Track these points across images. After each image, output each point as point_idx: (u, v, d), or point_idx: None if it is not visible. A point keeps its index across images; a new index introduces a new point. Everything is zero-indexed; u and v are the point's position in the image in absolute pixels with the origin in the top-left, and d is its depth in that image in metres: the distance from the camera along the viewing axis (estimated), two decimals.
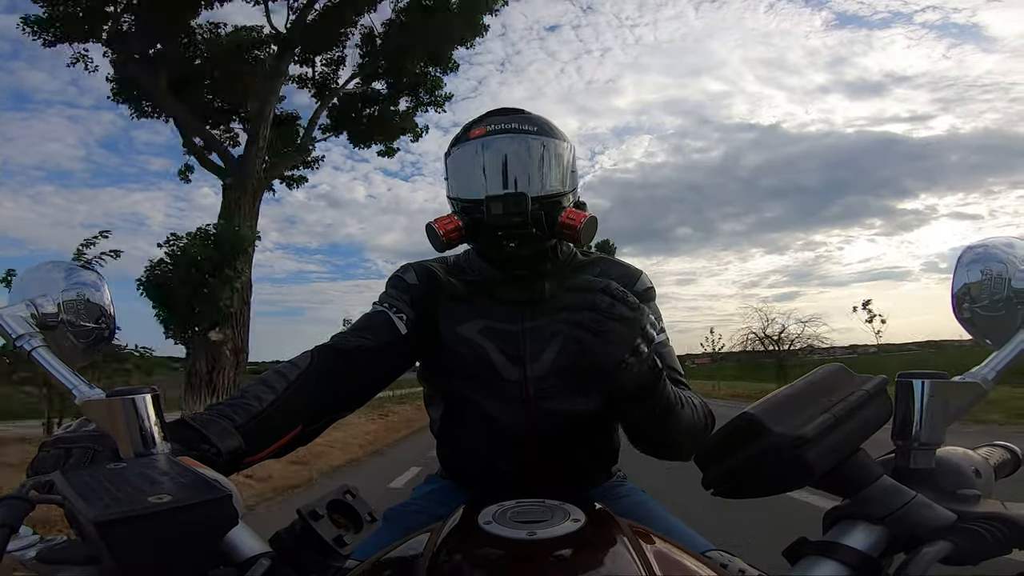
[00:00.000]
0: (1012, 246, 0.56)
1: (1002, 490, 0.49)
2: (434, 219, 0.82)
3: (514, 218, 0.78)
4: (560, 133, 0.88)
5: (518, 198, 0.78)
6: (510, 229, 0.79)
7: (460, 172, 0.87)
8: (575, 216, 0.80)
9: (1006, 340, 0.52)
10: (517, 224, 0.78)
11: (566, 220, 0.80)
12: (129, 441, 0.51)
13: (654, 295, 0.90)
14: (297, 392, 0.72)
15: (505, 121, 0.85)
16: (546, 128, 0.86)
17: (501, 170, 0.82)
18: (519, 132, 0.84)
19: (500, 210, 0.78)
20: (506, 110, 0.90)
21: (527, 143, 0.83)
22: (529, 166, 0.83)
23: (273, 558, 0.43)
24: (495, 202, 0.78)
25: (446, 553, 0.46)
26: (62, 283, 0.65)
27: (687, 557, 0.48)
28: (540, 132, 0.85)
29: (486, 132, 0.84)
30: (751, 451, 0.42)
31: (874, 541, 0.41)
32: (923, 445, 0.46)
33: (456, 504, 0.60)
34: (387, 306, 0.85)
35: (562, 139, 0.87)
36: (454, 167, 0.88)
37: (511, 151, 0.83)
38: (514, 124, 0.85)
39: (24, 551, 0.45)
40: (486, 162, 0.83)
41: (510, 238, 0.80)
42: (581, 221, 0.79)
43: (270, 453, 0.69)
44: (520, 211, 0.78)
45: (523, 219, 0.78)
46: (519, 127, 0.84)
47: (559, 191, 0.84)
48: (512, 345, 0.82)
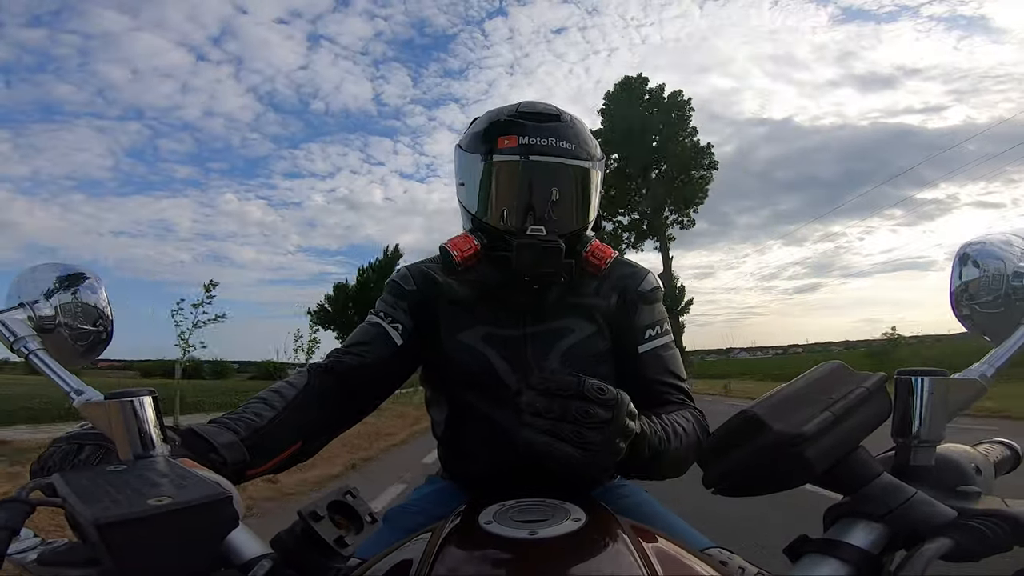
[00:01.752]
0: (1010, 243, 0.56)
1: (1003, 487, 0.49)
2: (449, 240, 0.77)
3: (545, 269, 0.73)
4: (592, 148, 0.80)
5: (553, 254, 0.72)
6: (538, 280, 0.76)
7: (484, 187, 0.79)
8: (601, 254, 0.78)
9: (1005, 336, 0.52)
10: (546, 275, 0.75)
11: (590, 258, 0.77)
12: (128, 443, 0.51)
13: (660, 295, 0.88)
14: (294, 411, 0.72)
15: (544, 134, 0.76)
16: (584, 143, 0.78)
17: (539, 206, 0.76)
18: (563, 155, 0.76)
19: (530, 259, 0.73)
20: (540, 115, 0.79)
21: (569, 172, 0.77)
22: (569, 202, 0.77)
23: (274, 559, 0.43)
24: (527, 250, 0.72)
25: (447, 553, 0.46)
26: (59, 285, 0.64)
27: (687, 555, 0.48)
28: (581, 155, 0.77)
29: (521, 146, 0.75)
30: (751, 449, 0.42)
31: (875, 538, 0.41)
32: (923, 442, 0.46)
33: (457, 504, 0.60)
34: (382, 316, 0.84)
35: (593, 159, 0.80)
36: (476, 178, 0.79)
37: (552, 183, 0.76)
38: (555, 139, 0.76)
39: (25, 553, 0.45)
40: (519, 189, 0.76)
41: (535, 282, 0.77)
42: (605, 261, 0.77)
43: (271, 467, 0.69)
44: (552, 264, 0.73)
45: (555, 272, 0.74)
46: (554, 143, 0.76)
47: (584, 225, 0.80)
48: (514, 351, 0.81)
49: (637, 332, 0.84)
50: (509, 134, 0.77)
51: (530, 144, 0.75)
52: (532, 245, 0.73)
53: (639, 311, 0.85)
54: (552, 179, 0.76)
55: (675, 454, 0.67)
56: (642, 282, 0.86)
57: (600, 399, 0.50)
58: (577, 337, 0.82)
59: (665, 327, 0.86)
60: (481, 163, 0.78)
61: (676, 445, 0.67)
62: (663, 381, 0.82)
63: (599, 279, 0.84)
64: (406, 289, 0.86)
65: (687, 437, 0.70)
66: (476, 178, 0.79)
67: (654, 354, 0.83)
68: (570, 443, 0.50)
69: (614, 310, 0.84)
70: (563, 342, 0.81)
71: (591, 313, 0.83)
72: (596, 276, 0.78)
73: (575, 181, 0.78)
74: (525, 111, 0.80)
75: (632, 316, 0.84)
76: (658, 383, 0.82)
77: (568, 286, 0.84)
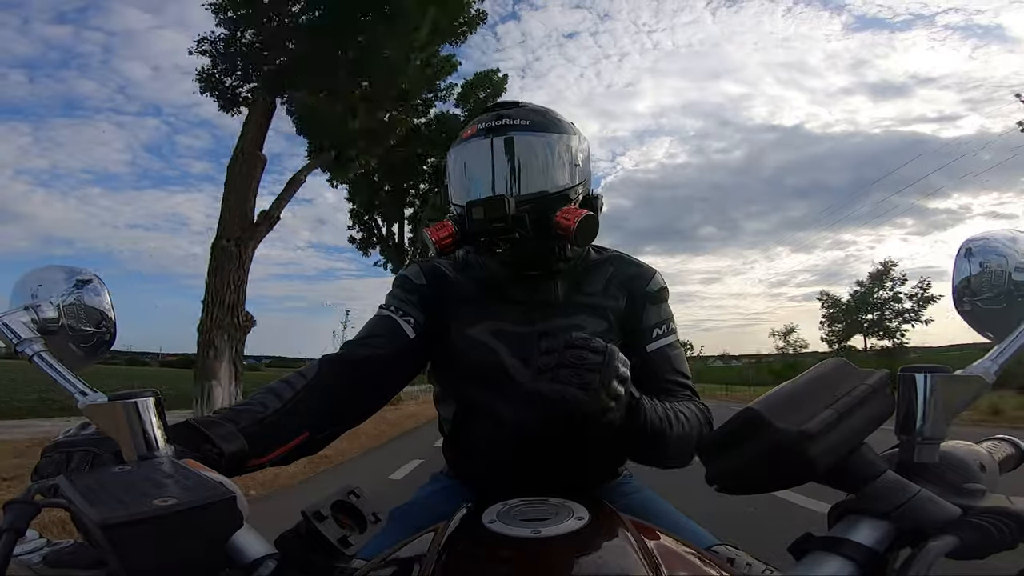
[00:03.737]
0: (1014, 240, 0.56)
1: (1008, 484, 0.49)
2: (429, 225, 0.81)
3: (494, 223, 0.76)
4: (560, 125, 0.84)
5: (495, 202, 0.76)
6: (492, 235, 0.77)
7: (451, 176, 0.85)
8: (569, 215, 0.77)
9: (1007, 333, 0.52)
10: (498, 229, 0.77)
11: (560, 219, 0.77)
12: (132, 444, 0.51)
13: (667, 295, 0.90)
14: (302, 402, 0.71)
15: (494, 119, 0.82)
16: (539, 122, 0.82)
17: (483, 173, 0.80)
18: (505, 129, 0.81)
19: (480, 215, 0.76)
20: (501, 104, 0.86)
21: (518, 141, 0.80)
22: (513, 166, 0.80)
23: (278, 559, 0.43)
24: (476, 207, 0.77)
25: (451, 552, 0.46)
26: (63, 287, 0.65)
27: (692, 552, 0.48)
28: (531, 127, 0.81)
29: (476, 132, 0.82)
30: (754, 447, 0.42)
31: (879, 536, 0.41)
32: (927, 439, 0.46)
33: (460, 503, 0.60)
34: (394, 309, 0.84)
35: (560, 132, 0.83)
36: (449, 170, 0.86)
37: (495, 151, 0.80)
38: (504, 121, 0.82)
39: (31, 555, 0.45)
40: (469, 165, 0.82)
41: (494, 244, 0.79)
42: (575, 220, 0.76)
43: (275, 458, 0.68)
44: (499, 216, 0.76)
45: (504, 224, 0.76)
46: (509, 123, 0.81)
47: (549, 190, 0.80)
48: (524, 348, 0.81)
49: (646, 332, 0.85)
50: (470, 126, 0.84)
51: (487, 127, 0.82)
52: (479, 200, 0.77)
53: (647, 311, 0.86)
54: (494, 152, 0.80)
55: (678, 440, 0.69)
56: (649, 282, 0.88)
57: (590, 346, 0.58)
58: (587, 334, 0.82)
59: (671, 326, 0.88)
60: (449, 155, 0.85)
61: (678, 430, 0.70)
62: (670, 380, 0.84)
63: (607, 278, 0.87)
64: (417, 284, 0.87)
65: (688, 423, 0.72)
66: (449, 170, 0.86)
67: (662, 353, 0.85)
68: (573, 385, 0.56)
69: (623, 309, 0.85)
70: None
71: (602, 311, 0.84)
72: (566, 238, 0.78)
73: (530, 149, 0.81)
74: (491, 106, 0.88)
75: (640, 316, 0.86)
76: (666, 382, 0.83)
77: (576, 285, 0.85)
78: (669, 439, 0.68)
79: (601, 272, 0.88)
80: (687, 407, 0.75)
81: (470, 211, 0.77)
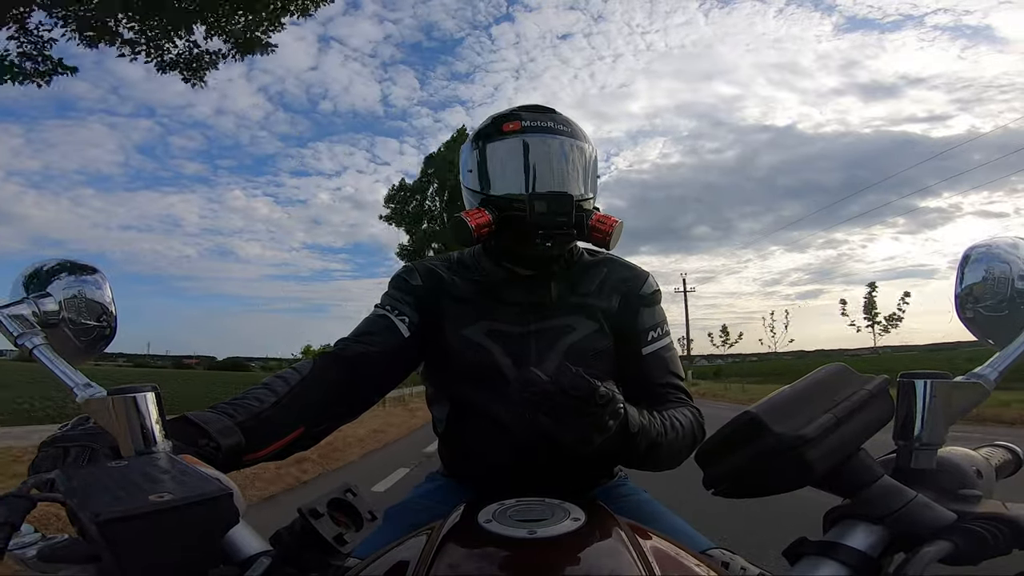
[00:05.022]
0: (1016, 247, 0.56)
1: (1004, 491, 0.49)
2: (464, 212, 0.82)
3: (559, 218, 0.79)
4: (588, 137, 0.88)
5: (563, 198, 0.79)
6: (552, 229, 0.79)
7: (495, 167, 0.85)
8: (606, 220, 0.82)
9: (1009, 340, 0.52)
10: (560, 224, 0.79)
11: (596, 224, 0.81)
12: (130, 439, 0.51)
13: (660, 298, 0.91)
14: (298, 397, 0.72)
15: (542, 119, 0.85)
16: (578, 131, 0.87)
17: (546, 168, 0.82)
18: (559, 133, 0.84)
19: (544, 208, 0.78)
20: (538, 108, 0.88)
21: (567, 144, 0.84)
22: (570, 167, 0.83)
23: (274, 556, 0.43)
24: (539, 200, 0.78)
25: (446, 552, 0.46)
26: (63, 281, 0.65)
27: (687, 555, 0.48)
28: (574, 135, 0.85)
29: (523, 128, 0.83)
30: (752, 451, 0.42)
31: (874, 541, 0.41)
32: (924, 445, 0.46)
33: (456, 503, 0.60)
34: (389, 308, 0.85)
35: (590, 143, 0.88)
36: (485, 161, 0.85)
37: (554, 150, 0.83)
38: (551, 123, 0.84)
39: (25, 549, 0.45)
40: (528, 159, 0.83)
41: (548, 237, 0.80)
42: (612, 226, 0.81)
43: (271, 453, 0.69)
44: (565, 211, 0.79)
45: (567, 219, 0.79)
46: (558, 127, 0.84)
47: (590, 196, 0.85)
48: (518, 348, 0.82)
49: (640, 335, 0.86)
50: (512, 121, 0.85)
51: (531, 126, 0.84)
52: (544, 194, 0.80)
53: (641, 314, 0.87)
54: (551, 152, 0.83)
55: (671, 447, 0.72)
56: (643, 285, 0.89)
57: (584, 395, 0.55)
58: (579, 335, 0.84)
59: (665, 328, 0.89)
60: (488, 145, 0.85)
61: (672, 438, 0.72)
62: (665, 382, 0.85)
63: (600, 279, 0.88)
64: (412, 284, 0.88)
65: (683, 431, 0.75)
66: (485, 160, 0.85)
67: (656, 356, 0.86)
68: (567, 432, 0.56)
69: (616, 311, 0.87)
70: (565, 339, 0.83)
71: (593, 312, 0.85)
72: (602, 243, 0.82)
73: (572, 153, 0.84)
74: (524, 107, 0.88)
75: (634, 319, 0.87)
76: (660, 384, 0.85)
77: (570, 286, 0.86)
78: (662, 449, 0.70)
79: (594, 273, 0.89)
80: (681, 413, 0.78)
81: (533, 204, 0.78)
